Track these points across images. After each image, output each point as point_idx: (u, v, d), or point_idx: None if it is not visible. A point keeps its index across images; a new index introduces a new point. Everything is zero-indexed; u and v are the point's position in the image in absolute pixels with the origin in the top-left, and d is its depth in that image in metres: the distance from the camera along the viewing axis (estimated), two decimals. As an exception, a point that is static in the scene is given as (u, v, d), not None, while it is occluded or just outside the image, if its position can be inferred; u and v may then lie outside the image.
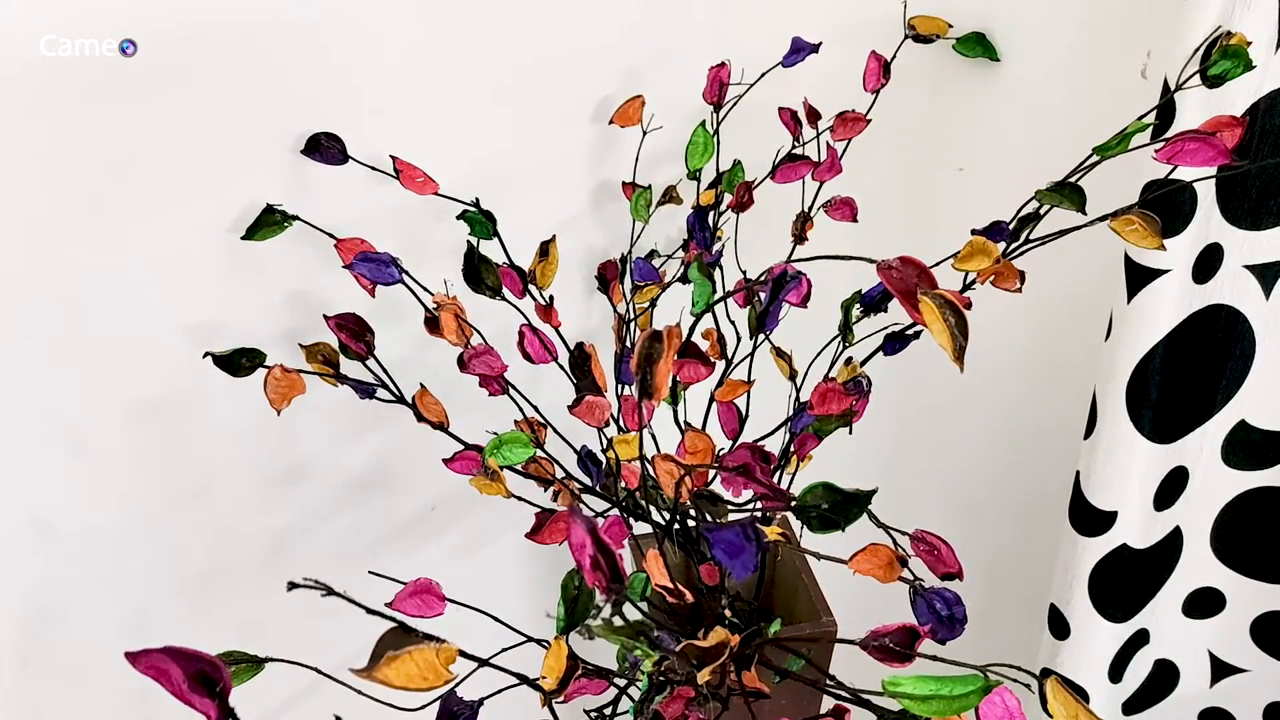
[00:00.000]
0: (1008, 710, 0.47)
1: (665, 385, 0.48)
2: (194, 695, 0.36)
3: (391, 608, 0.67)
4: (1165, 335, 0.75)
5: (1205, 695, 0.93)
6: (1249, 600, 0.87)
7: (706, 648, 0.45)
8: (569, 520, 0.38)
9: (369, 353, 0.75)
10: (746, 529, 0.41)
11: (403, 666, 0.39)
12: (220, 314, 0.76)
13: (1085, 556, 0.83)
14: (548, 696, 0.53)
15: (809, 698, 0.76)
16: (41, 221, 0.66)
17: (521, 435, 0.71)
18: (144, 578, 0.78)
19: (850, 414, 0.73)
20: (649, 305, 0.85)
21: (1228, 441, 0.82)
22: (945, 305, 0.45)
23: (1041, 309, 0.93)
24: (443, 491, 0.98)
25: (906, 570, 0.61)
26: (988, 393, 1.03)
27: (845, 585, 0.79)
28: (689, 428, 0.68)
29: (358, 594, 0.61)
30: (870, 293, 0.77)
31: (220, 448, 0.80)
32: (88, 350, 0.70)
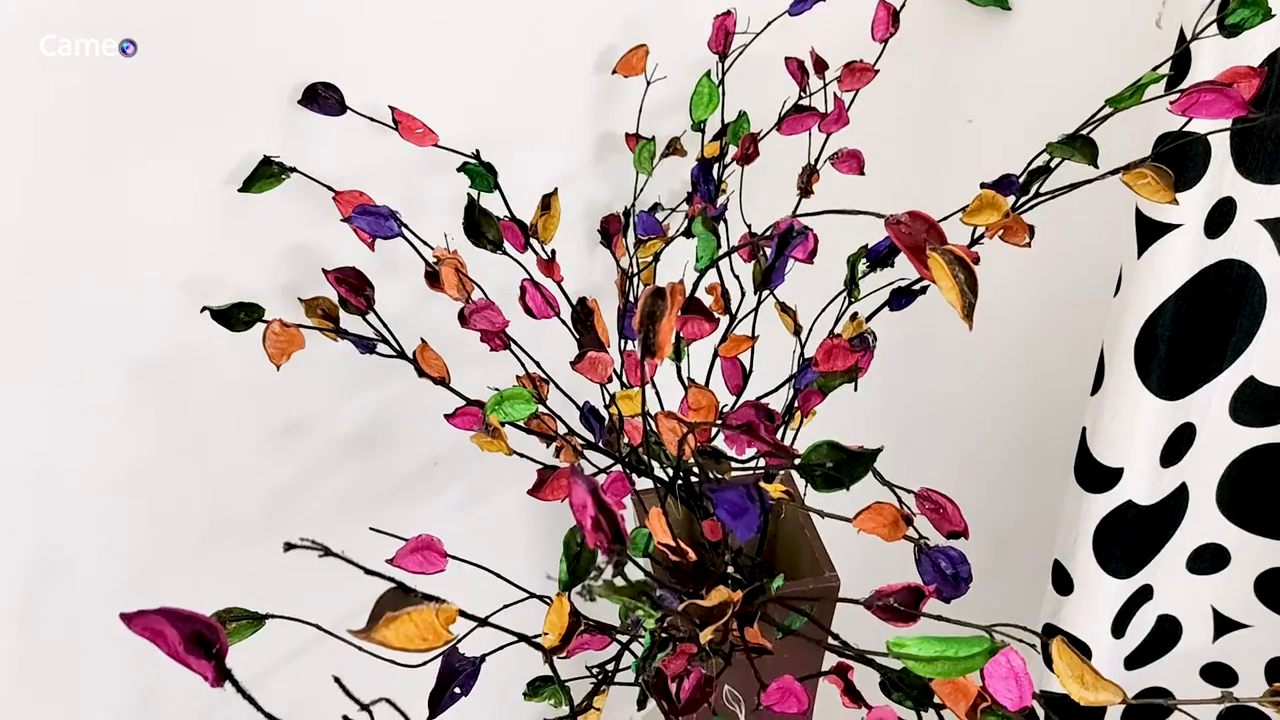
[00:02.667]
0: (1013, 670, 0.46)
1: (668, 344, 0.48)
2: (190, 656, 0.35)
3: (393, 564, 0.67)
4: (1175, 291, 0.74)
5: (1207, 650, 0.93)
6: (1253, 556, 0.87)
7: (709, 607, 0.45)
8: (570, 480, 0.37)
9: (369, 307, 0.74)
10: (750, 490, 0.40)
11: (402, 627, 0.39)
12: (218, 268, 0.75)
13: (1090, 513, 0.83)
14: (549, 654, 0.52)
15: (812, 655, 0.76)
16: (38, 176, 0.65)
17: (523, 391, 0.70)
18: (144, 534, 0.78)
19: (855, 370, 0.72)
20: (652, 260, 0.84)
21: (1236, 398, 0.81)
22: (954, 261, 0.44)
23: (1050, 264, 0.92)
24: (444, 447, 0.98)
25: (911, 529, 0.60)
26: (994, 349, 1.02)
27: (849, 544, 0.79)
28: (692, 384, 0.68)
29: (359, 550, 0.61)
30: (877, 247, 0.76)
31: (220, 403, 0.79)
32: (85, 306, 0.69)
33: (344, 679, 0.51)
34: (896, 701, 0.57)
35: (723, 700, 0.87)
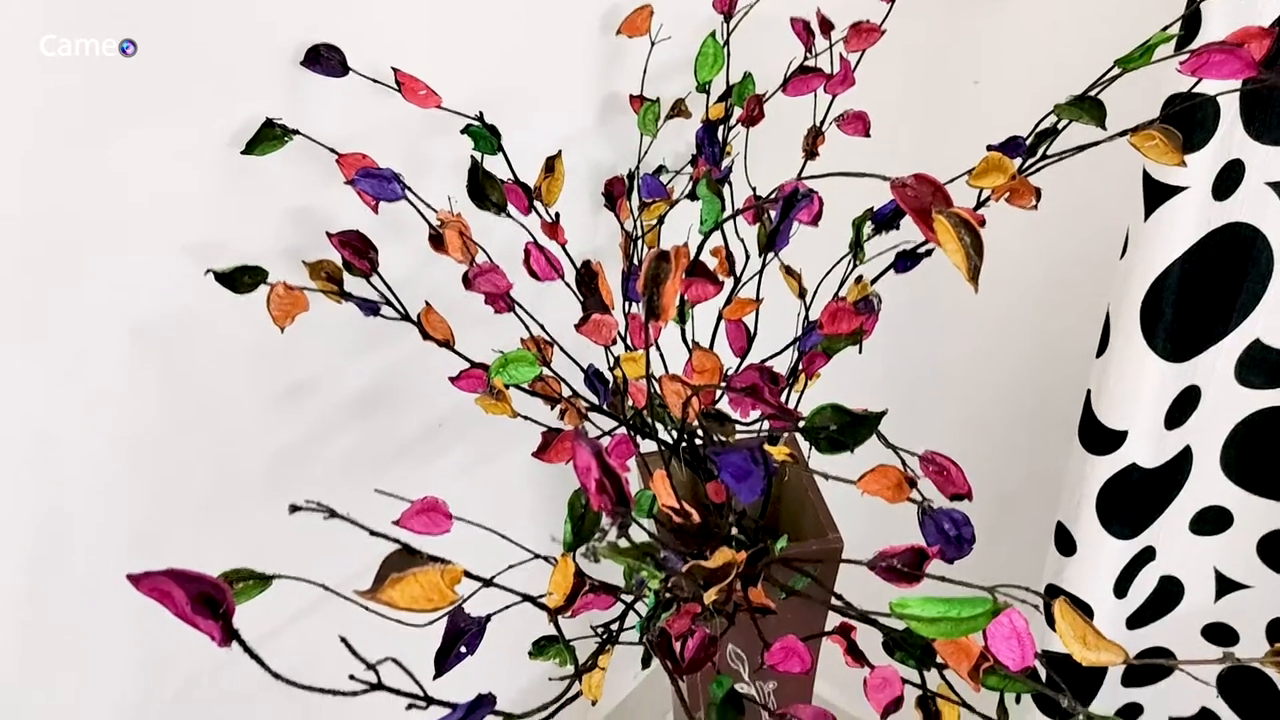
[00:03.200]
0: (1015, 631, 0.47)
1: (672, 306, 0.48)
2: (197, 616, 0.36)
3: (398, 525, 0.68)
4: (1182, 253, 0.74)
5: (1209, 611, 0.93)
6: (1257, 518, 0.87)
7: (713, 568, 0.45)
8: (575, 443, 0.38)
9: (373, 270, 0.74)
10: (754, 453, 0.40)
11: (407, 588, 0.39)
12: (221, 232, 0.75)
13: (1094, 475, 0.83)
14: (554, 613, 0.53)
15: (815, 615, 0.76)
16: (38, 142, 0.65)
17: (527, 354, 0.70)
18: (149, 498, 0.78)
19: (860, 333, 0.72)
20: (656, 222, 0.84)
21: (1241, 360, 0.81)
22: (960, 224, 0.43)
23: (1056, 227, 0.92)
24: (449, 409, 0.98)
25: (915, 491, 0.60)
26: (1000, 311, 1.02)
27: (853, 506, 0.80)
28: (697, 346, 0.68)
29: (365, 512, 0.61)
30: (882, 210, 0.75)
31: (224, 366, 0.79)
32: (87, 271, 0.69)
33: (351, 638, 0.52)
34: (899, 661, 0.57)
35: (726, 659, 0.88)
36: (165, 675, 0.84)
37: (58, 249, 0.67)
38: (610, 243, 0.98)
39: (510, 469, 1.08)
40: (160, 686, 0.84)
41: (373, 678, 0.45)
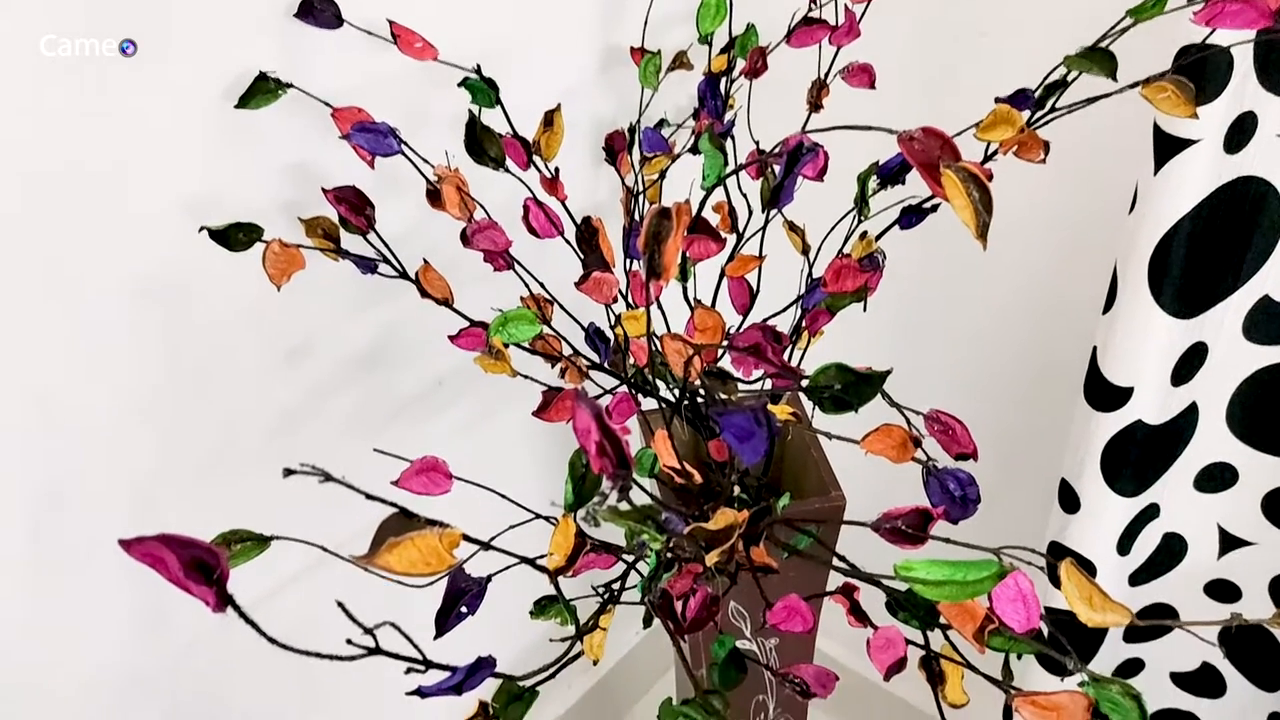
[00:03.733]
0: (1020, 593, 0.46)
1: (674, 265, 0.47)
2: (191, 582, 0.35)
3: (398, 485, 0.67)
4: (1191, 208, 0.73)
5: (1212, 567, 0.93)
6: (1262, 475, 0.87)
7: (714, 530, 0.45)
8: (574, 404, 0.37)
9: (370, 226, 0.73)
10: (757, 413, 0.39)
11: (404, 552, 0.39)
12: (214, 187, 0.73)
13: (1099, 432, 0.82)
14: (554, 574, 0.52)
15: (818, 574, 0.76)
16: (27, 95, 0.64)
17: (527, 312, 0.70)
18: (150, 457, 0.78)
19: (864, 290, 0.71)
20: (658, 177, 0.83)
21: (1250, 316, 0.80)
22: (969, 179, 0.42)
23: (1065, 181, 0.91)
24: (449, 368, 0.98)
25: (920, 451, 0.60)
26: (1006, 267, 1.01)
27: (856, 466, 0.79)
28: (699, 304, 0.67)
29: (366, 471, 0.60)
30: (888, 164, 0.74)
31: (222, 324, 0.79)
32: (81, 230, 0.68)
33: (353, 598, 0.52)
34: (903, 621, 0.57)
35: (728, 617, 0.88)
36: (168, 635, 0.84)
37: (52, 206, 0.67)
38: (611, 198, 0.97)
39: (511, 428, 1.08)
40: (163, 647, 0.85)
41: (371, 642, 0.44)
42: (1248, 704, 0.95)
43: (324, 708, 1.02)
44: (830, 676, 0.62)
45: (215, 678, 0.89)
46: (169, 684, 0.87)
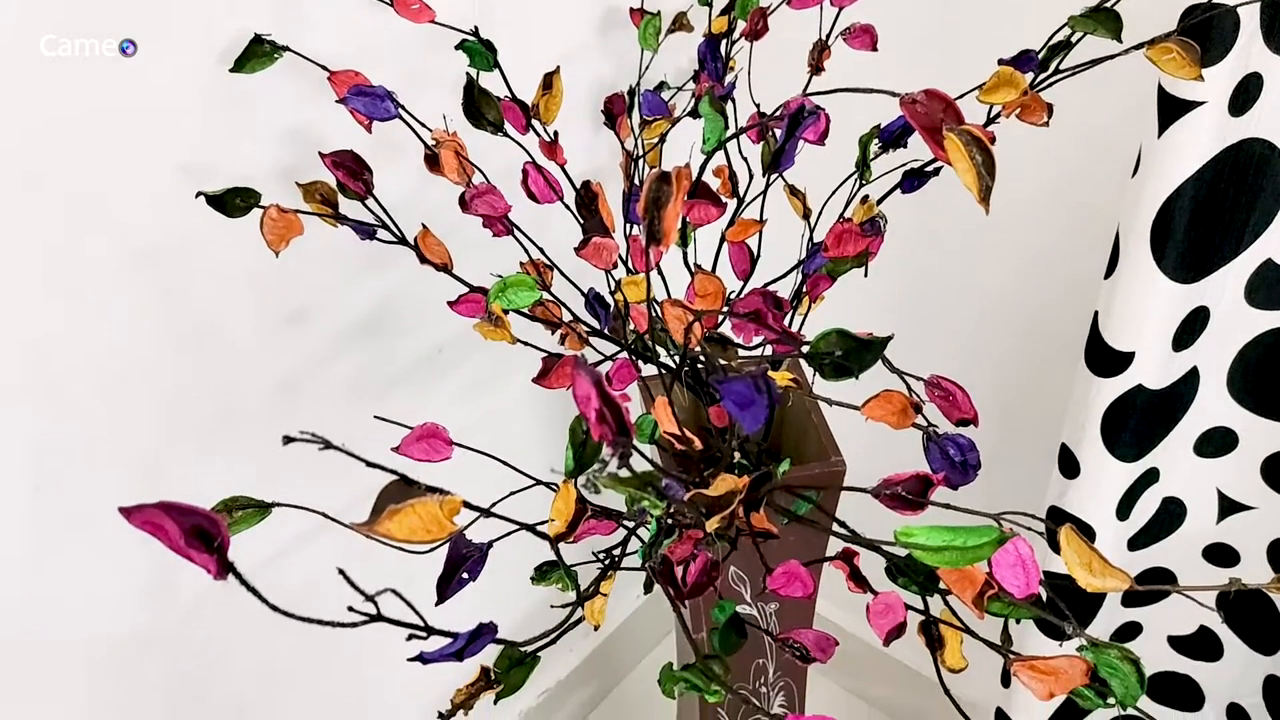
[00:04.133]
0: (1020, 559, 0.46)
1: (673, 231, 0.46)
2: (191, 550, 0.35)
3: (398, 452, 0.67)
4: (1195, 171, 0.72)
5: (1211, 532, 0.93)
6: (1262, 439, 0.87)
7: (715, 497, 0.45)
8: (574, 371, 0.37)
9: (368, 192, 0.72)
10: (758, 381, 0.39)
11: (405, 520, 0.39)
12: (211, 152, 0.73)
13: (1099, 397, 0.82)
14: (555, 541, 0.53)
15: (818, 539, 0.76)
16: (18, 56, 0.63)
17: (527, 278, 0.69)
18: (151, 422, 0.77)
19: (866, 255, 0.71)
20: (658, 141, 0.82)
21: (1252, 280, 0.80)
22: (972, 142, 0.42)
23: (1067, 144, 0.90)
24: (449, 334, 0.97)
25: (920, 416, 0.60)
26: (1008, 231, 1.00)
27: (857, 432, 0.79)
28: (699, 269, 0.66)
29: (366, 437, 0.60)
30: (890, 127, 0.74)
31: (221, 289, 0.78)
32: (78, 196, 0.68)
33: (356, 562, 0.52)
34: (902, 586, 0.57)
35: (728, 581, 0.88)
36: (172, 599, 0.85)
37: (48, 173, 0.66)
38: (611, 162, 0.96)
39: (511, 394, 1.08)
40: (167, 610, 0.85)
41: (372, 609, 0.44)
42: (1245, 667, 0.95)
43: (328, 670, 1.03)
44: (830, 641, 0.62)
45: (219, 641, 0.90)
46: (173, 647, 0.87)
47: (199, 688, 0.92)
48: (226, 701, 0.96)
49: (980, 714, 1.04)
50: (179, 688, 0.90)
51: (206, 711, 0.94)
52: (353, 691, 1.06)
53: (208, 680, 0.92)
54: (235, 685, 0.96)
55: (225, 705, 0.96)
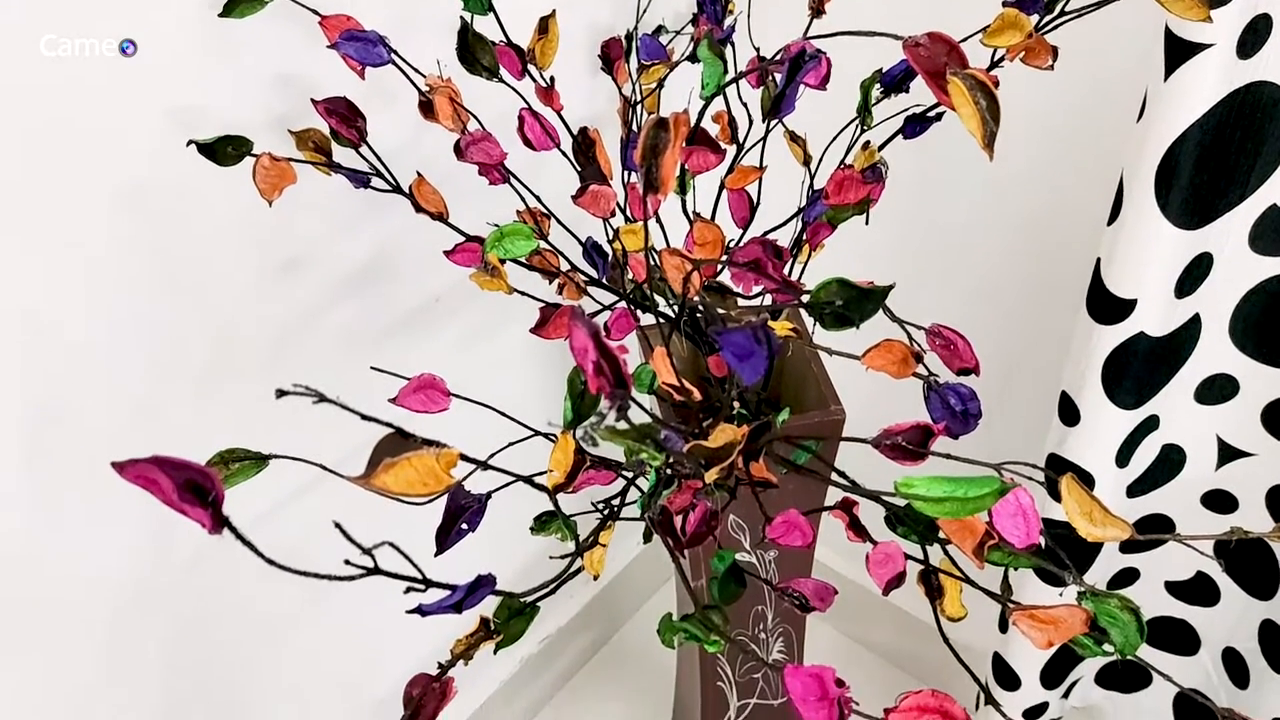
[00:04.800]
0: (1021, 508, 0.46)
1: (671, 179, 0.46)
2: (186, 504, 0.35)
3: (396, 403, 0.67)
4: (1201, 115, 0.71)
5: (1210, 478, 0.93)
6: (1263, 386, 0.86)
7: (714, 448, 0.45)
8: (570, 323, 0.36)
9: (361, 139, 0.71)
10: (757, 332, 0.39)
11: (401, 473, 0.39)
12: (202, 99, 0.72)
13: (1100, 344, 0.82)
14: (554, 492, 0.52)
15: (817, 488, 0.76)
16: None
17: (523, 227, 0.68)
18: (145, 372, 0.77)
19: (867, 202, 0.70)
20: (656, 86, 0.81)
21: (1256, 226, 0.79)
22: (977, 87, 0.41)
23: (1071, 88, 0.89)
24: (446, 284, 0.97)
25: (921, 366, 0.59)
26: (1010, 178, 0.99)
27: (857, 382, 0.79)
28: (698, 217, 0.66)
29: (363, 388, 0.60)
30: (892, 72, 0.72)
31: (216, 239, 0.77)
32: (67, 146, 0.67)
33: (355, 513, 0.52)
34: (901, 536, 0.57)
35: (727, 529, 0.88)
36: (172, 549, 0.85)
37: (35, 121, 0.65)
38: (608, 108, 0.95)
39: (510, 344, 1.07)
40: (167, 561, 0.85)
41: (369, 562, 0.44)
42: (1241, 612, 0.96)
43: (329, 620, 1.03)
44: (829, 590, 0.62)
45: (219, 592, 0.90)
46: (174, 597, 0.87)
47: (200, 638, 0.92)
48: (227, 652, 0.96)
49: (978, 658, 1.05)
50: (180, 639, 0.90)
51: (207, 662, 0.95)
52: (354, 640, 1.07)
53: (208, 631, 0.93)
54: (236, 636, 0.96)
55: (226, 656, 0.97)
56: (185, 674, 0.92)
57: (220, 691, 0.98)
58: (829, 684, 0.42)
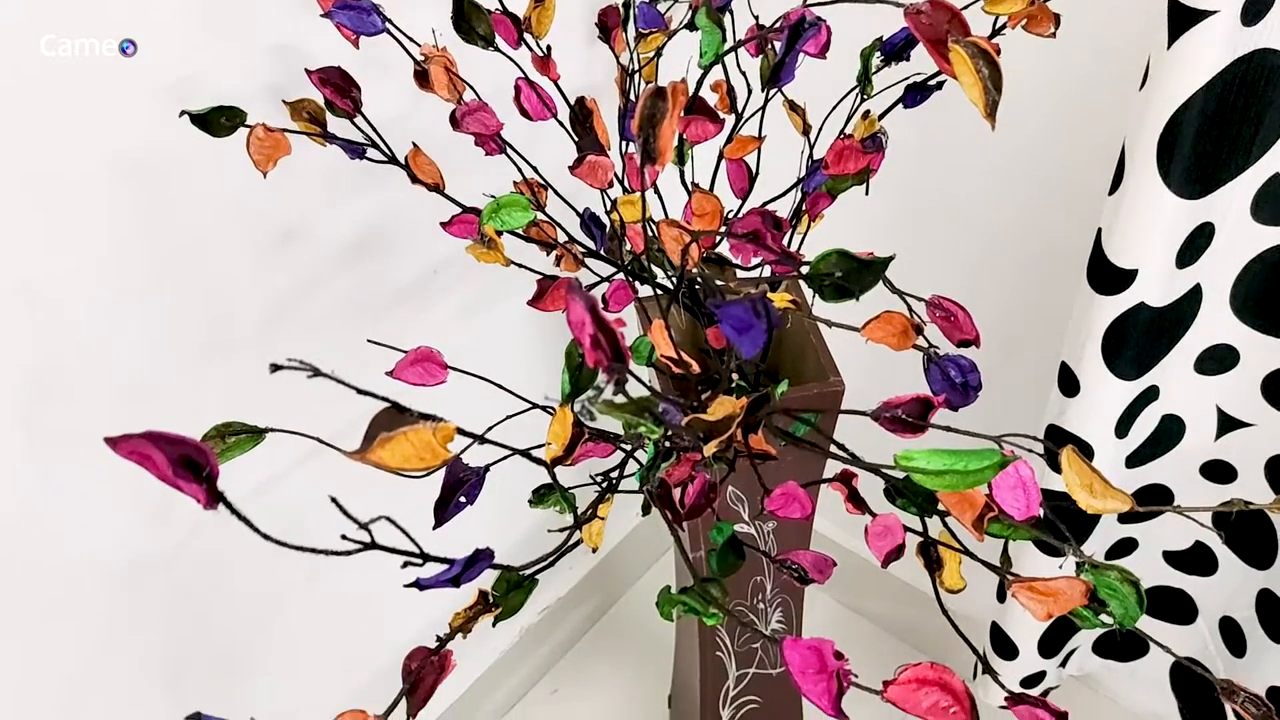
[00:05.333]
0: (1021, 481, 0.46)
1: (669, 149, 0.45)
2: (180, 480, 0.34)
3: (393, 376, 0.67)
4: (1204, 83, 0.71)
5: (1209, 449, 0.93)
6: (1263, 356, 0.86)
7: (713, 422, 0.44)
8: (567, 296, 0.36)
9: (356, 109, 0.71)
10: (756, 305, 0.38)
11: (397, 447, 0.38)
12: (195, 69, 0.71)
13: (1101, 315, 0.81)
14: (552, 465, 0.52)
15: (816, 460, 0.76)
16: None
17: (520, 198, 0.68)
18: (141, 345, 0.77)
19: (867, 172, 0.70)
20: (654, 55, 0.80)
21: (1259, 195, 0.78)
22: (979, 55, 0.41)
23: (1073, 56, 0.88)
24: (443, 256, 0.96)
25: (921, 338, 0.59)
26: (1011, 148, 0.99)
27: (856, 354, 0.78)
28: (696, 188, 0.65)
29: (361, 360, 0.60)
30: (892, 39, 0.72)
31: (210, 211, 0.77)
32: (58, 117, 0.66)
33: (354, 485, 0.51)
34: (901, 508, 0.57)
35: (726, 500, 0.88)
36: (171, 519, 0.85)
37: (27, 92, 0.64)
38: (605, 78, 0.94)
39: (508, 316, 1.07)
40: (166, 531, 0.85)
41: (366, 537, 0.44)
42: (1239, 582, 0.96)
43: (328, 591, 1.04)
44: (828, 562, 0.62)
45: (218, 562, 0.90)
46: (174, 566, 0.87)
47: (199, 608, 0.93)
48: (226, 621, 0.97)
49: (976, 627, 1.05)
50: (179, 608, 0.91)
51: (206, 631, 0.95)
52: (354, 611, 1.07)
53: (208, 600, 0.93)
54: (235, 607, 0.96)
55: (225, 625, 0.97)
56: (185, 642, 0.93)
57: (220, 662, 0.98)
58: (828, 657, 0.42)
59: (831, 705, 0.41)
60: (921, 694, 0.41)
